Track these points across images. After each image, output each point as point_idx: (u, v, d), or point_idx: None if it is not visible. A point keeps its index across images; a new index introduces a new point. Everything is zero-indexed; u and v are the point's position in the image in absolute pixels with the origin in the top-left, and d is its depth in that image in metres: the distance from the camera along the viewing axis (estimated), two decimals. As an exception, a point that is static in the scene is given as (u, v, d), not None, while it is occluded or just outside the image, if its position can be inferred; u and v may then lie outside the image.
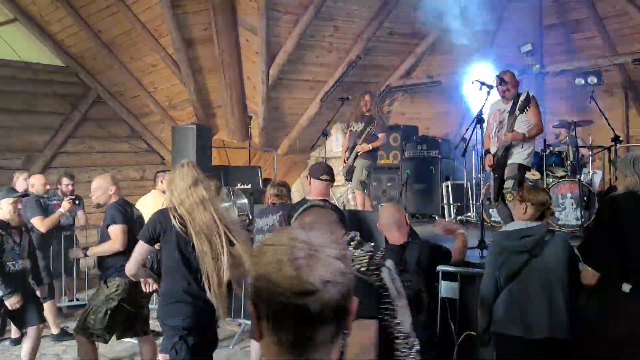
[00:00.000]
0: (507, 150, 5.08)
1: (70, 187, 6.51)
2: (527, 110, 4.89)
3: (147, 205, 5.68)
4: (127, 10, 7.83)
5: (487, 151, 5.34)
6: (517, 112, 4.87)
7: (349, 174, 6.35)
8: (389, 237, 3.21)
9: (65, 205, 5.60)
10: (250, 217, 6.65)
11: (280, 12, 7.61)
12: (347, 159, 6.38)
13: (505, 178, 5.10)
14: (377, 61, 8.94)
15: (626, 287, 2.66)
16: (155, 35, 8.15)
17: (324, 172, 3.76)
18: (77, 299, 6.50)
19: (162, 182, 5.96)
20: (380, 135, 6.25)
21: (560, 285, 2.89)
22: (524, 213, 3.07)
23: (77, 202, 6.07)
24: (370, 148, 6.15)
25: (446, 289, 4.01)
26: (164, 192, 5.83)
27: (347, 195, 8.61)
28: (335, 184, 8.89)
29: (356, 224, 4.42)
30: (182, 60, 8.27)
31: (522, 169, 5.16)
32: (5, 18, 8.28)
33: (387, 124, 6.46)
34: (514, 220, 3.38)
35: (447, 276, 4.03)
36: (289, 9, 7.61)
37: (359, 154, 6.18)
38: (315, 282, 0.90)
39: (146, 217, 5.55)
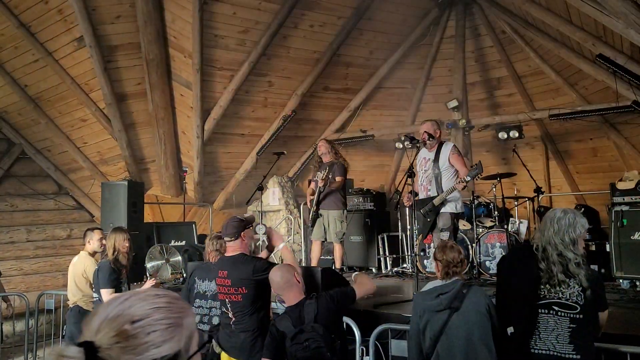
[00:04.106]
0: (442, 203, 5.29)
1: None
2: (449, 160, 5.27)
3: (73, 266, 5.33)
4: (56, 64, 7.64)
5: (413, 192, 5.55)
6: (438, 166, 5.23)
7: (313, 221, 6.22)
8: (286, 299, 3.21)
9: None
10: (184, 275, 6.38)
11: (215, 68, 7.67)
12: (312, 203, 6.25)
13: (440, 230, 5.25)
14: (312, 115, 9.12)
15: (510, 330, 2.79)
16: (85, 89, 7.97)
17: (223, 234, 3.71)
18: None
19: (89, 242, 5.50)
20: (337, 178, 6.18)
21: (482, 338, 2.92)
22: (438, 271, 3.15)
23: None
24: (326, 182, 5.94)
25: (396, 347, 3.93)
26: (93, 253, 5.36)
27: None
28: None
29: (336, 281, 4.28)
30: (113, 115, 8.10)
31: (455, 217, 5.36)
32: None
33: (348, 168, 6.41)
34: None
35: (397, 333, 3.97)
36: (224, 65, 7.68)
37: (321, 199, 6.10)
38: None
39: (72, 279, 5.22)
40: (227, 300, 3.52)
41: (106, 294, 4.59)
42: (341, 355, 3.18)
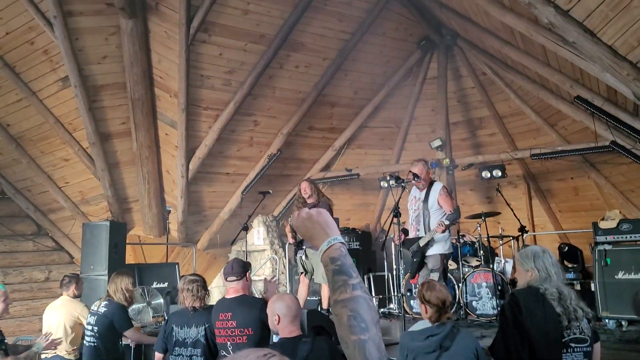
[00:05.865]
0: (427, 244, 5.32)
1: None
2: (438, 202, 5.35)
3: (58, 311, 5.03)
4: (40, 103, 7.58)
5: (404, 230, 5.59)
6: (427, 207, 5.29)
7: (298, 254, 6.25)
8: (282, 330, 3.09)
9: None
10: (167, 319, 6.20)
11: (201, 108, 7.69)
12: (295, 243, 6.23)
13: (430, 271, 5.28)
14: (298, 154, 9.15)
15: None
16: (69, 129, 7.90)
17: (228, 274, 3.69)
18: None
19: (69, 288, 5.18)
20: None
21: None
22: (425, 313, 3.14)
23: None
24: None
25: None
26: (76, 296, 5.18)
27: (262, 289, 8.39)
28: (254, 278, 8.74)
29: (324, 323, 4.20)
30: (97, 155, 8.01)
31: (444, 257, 5.39)
32: None
33: (332, 206, 6.38)
34: None
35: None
36: (210, 105, 7.71)
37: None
38: None
39: (61, 325, 4.95)
40: (229, 342, 3.44)
41: (133, 332, 4.75)
42: None
